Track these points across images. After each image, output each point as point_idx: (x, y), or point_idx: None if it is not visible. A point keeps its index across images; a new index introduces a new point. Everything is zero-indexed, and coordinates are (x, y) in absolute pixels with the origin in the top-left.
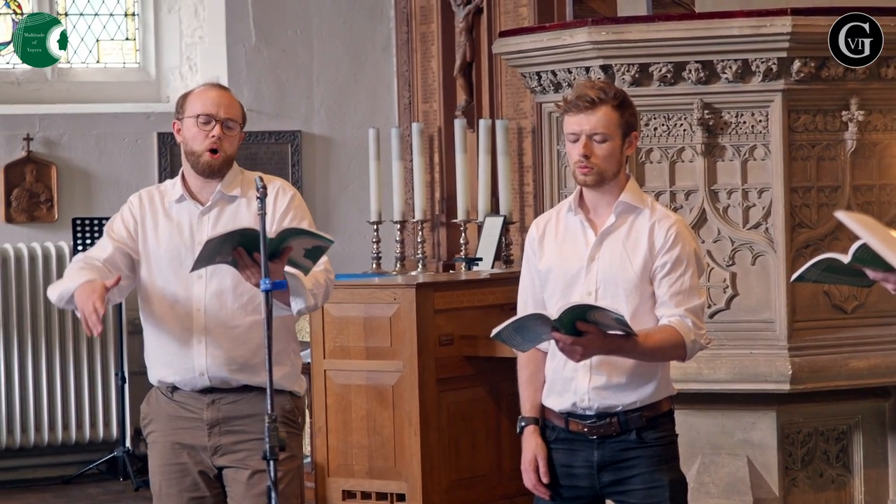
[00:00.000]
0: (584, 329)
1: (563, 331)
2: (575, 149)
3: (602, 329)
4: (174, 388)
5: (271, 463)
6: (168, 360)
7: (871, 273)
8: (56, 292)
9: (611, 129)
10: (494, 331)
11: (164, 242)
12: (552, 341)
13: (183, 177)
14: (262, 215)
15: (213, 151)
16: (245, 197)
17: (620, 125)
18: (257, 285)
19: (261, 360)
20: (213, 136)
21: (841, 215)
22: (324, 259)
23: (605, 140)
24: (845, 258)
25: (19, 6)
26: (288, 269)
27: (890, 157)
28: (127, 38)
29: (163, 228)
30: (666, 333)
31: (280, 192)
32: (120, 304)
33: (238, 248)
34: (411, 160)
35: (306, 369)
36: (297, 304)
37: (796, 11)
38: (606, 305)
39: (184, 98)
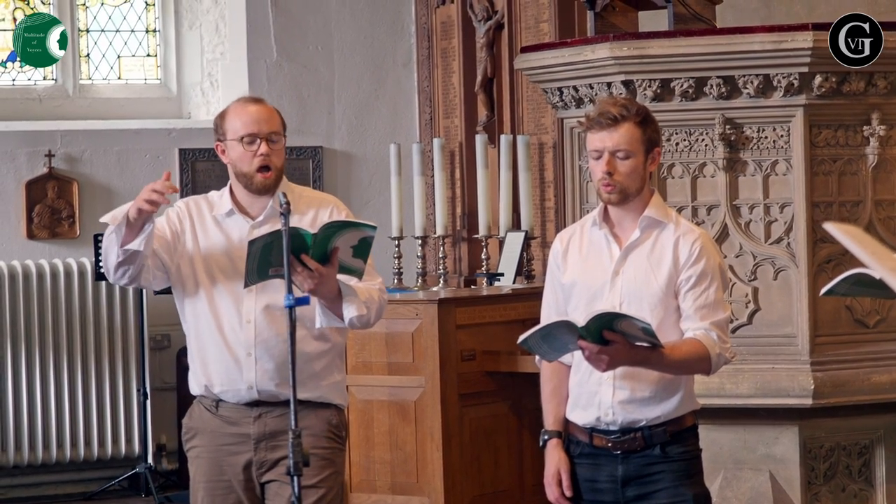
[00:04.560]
0: (610, 338)
1: (589, 339)
2: (598, 166)
3: (629, 340)
4: (218, 402)
5: (296, 478)
6: (216, 372)
7: None
8: (111, 219)
9: (633, 146)
10: (521, 337)
11: (213, 253)
12: (576, 355)
13: (231, 191)
14: (286, 230)
15: (265, 169)
16: (298, 213)
17: (643, 141)
18: (310, 291)
19: (310, 374)
20: (262, 155)
21: (829, 227)
22: (379, 280)
23: (628, 157)
24: (876, 273)
25: None
26: (340, 277)
27: None
28: (148, 55)
29: (213, 239)
30: (691, 346)
31: (334, 213)
32: (142, 320)
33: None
34: (432, 176)
35: None
36: (349, 312)
37: (817, 27)
38: (634, 309)
39: (222, 118)
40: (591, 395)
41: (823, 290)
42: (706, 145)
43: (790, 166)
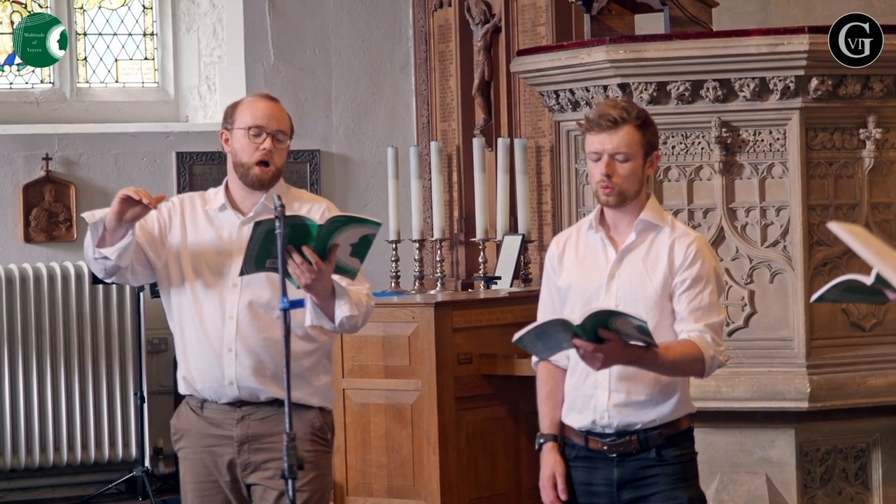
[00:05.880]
0: (605, 336)
1: (584, 338)
2: (597, 168)
3: (623, 338)
4: (203, 402)
5: (290, 482)
6: (198, 368)
7: (891, 294)
8: (90, 216)
9: (633, 149)
10: (516, 335)
11: (201, 248)
12: (572, 357)
13: (227, 186)
14: (281, 233)
15: (264, 164)
16: (289, 210)
17: (642, 145)
18: (306, 287)
19: (294, 375)
20: (264, 149)
21: (834, 226)
22: (367, 285)
23: (627, 160)
24: (867, 279)
25: None
26: (333, 276)
27: None
28: (146, 58)
29: (203, 234)
30: (685, 347)
31: (326, 213)
32: (139, 323)
33: (287, 245)
34: (430, 179)
35: None
36: (341, 312)
37: (813, 29)
38: (629, 311)
39: (233, 108)
40: (586, 399)
41: (814, 297)
42: (702, 148)
43: (786, 169)
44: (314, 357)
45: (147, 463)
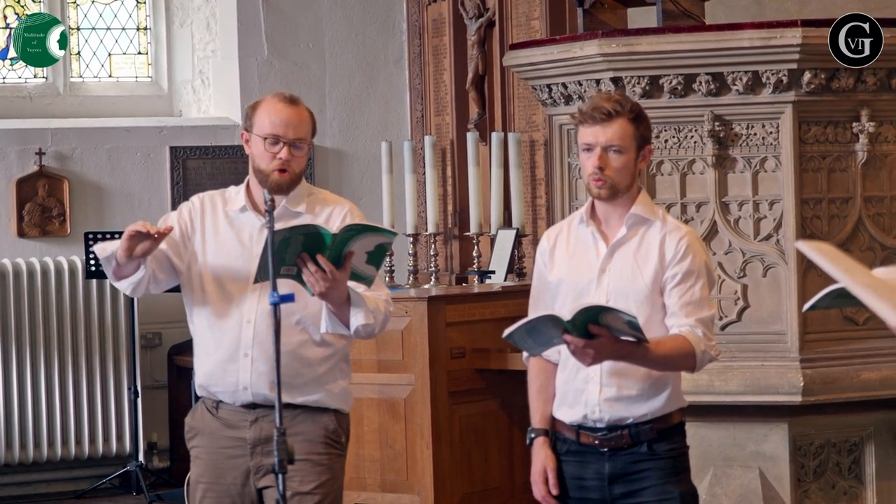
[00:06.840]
0: (596, 332)
1: (575, 333)
2: (589, 160)
3: (614, 334)
4: (219, 403)
5: (280, 476)
6: (213, 371)
7: None
8: (100, 250)
9: (626, 142)
10: (507, 331)
11: (222, 250)
12: (563, 352)
13: (248, 186)
14: (271, 228)
15: (281, 170)
16: (311, 213)
17: (635, 138)
18: (321, 294)
19: (305, 381)
20: (281, 159)
21: (801, 245)
22: (386, 291)
23: (620, 153)
24: (852, 290)
25: None
26: (349, 283)
27: None
28: (139, 53)
29: (223, 236)
30: (676, 342)
31: (348, 217)
32: (133, 318)
33: (302, 253)
34: (424, 173)
35: None
36: (356, 320)
37: (806, 23)
38: (620, 307)
39: (252, 109)
40: (577, 393)
41: (806, 307)
42: (695, 142)
43: (779, 163)
44: (330, 362)
45: (141, 458)
